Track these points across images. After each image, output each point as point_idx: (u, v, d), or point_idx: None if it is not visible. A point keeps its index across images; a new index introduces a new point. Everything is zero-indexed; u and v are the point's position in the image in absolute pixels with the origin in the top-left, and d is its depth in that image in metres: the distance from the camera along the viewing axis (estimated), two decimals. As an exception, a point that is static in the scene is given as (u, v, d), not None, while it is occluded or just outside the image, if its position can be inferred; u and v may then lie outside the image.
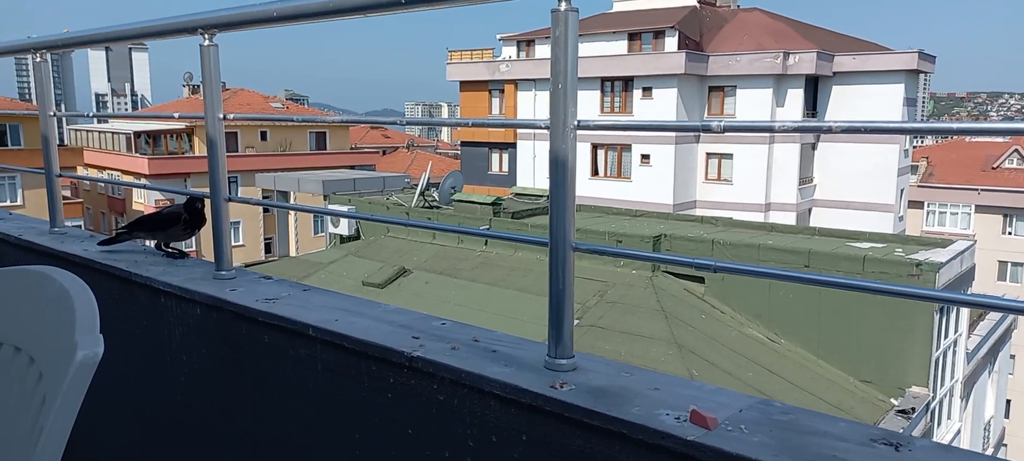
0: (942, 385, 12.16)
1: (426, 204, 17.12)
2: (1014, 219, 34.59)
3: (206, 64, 2.03)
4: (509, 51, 34.80)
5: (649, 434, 1.18)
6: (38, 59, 2.69)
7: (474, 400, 1.43)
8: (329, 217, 18.58)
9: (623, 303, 11.85)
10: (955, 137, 40.73)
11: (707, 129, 1.35)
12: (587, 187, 28.73)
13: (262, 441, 1.94)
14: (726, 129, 1.32)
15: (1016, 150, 35.89)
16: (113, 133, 41.20)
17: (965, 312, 12.84)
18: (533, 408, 1.33)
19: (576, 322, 1.40)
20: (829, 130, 1.22)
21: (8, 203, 32.66)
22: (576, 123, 1.37)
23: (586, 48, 30.35)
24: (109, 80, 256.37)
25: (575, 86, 1.36)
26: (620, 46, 30.61)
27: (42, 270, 1.08)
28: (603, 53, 30.18)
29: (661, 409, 1.24)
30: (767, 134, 28.00)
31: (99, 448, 2.58)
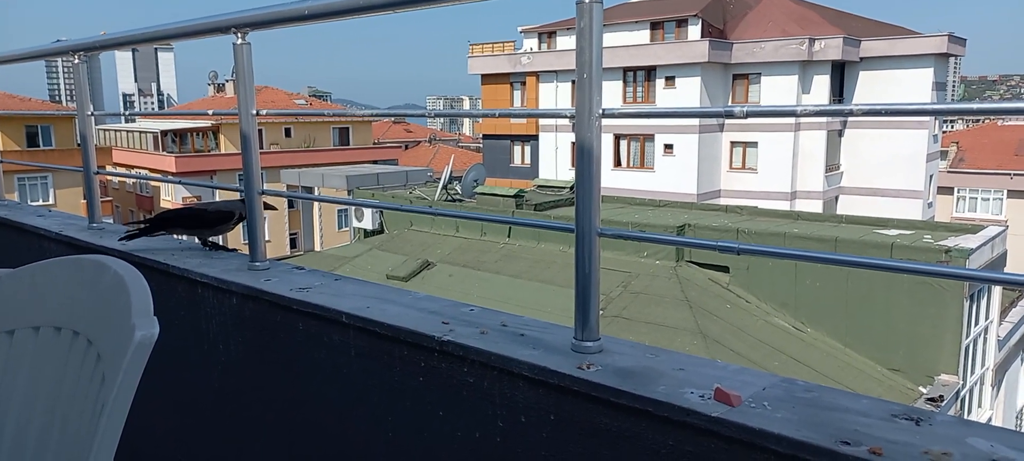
0: (973, 373, 11.99)
1: (449, 197, 17.18)
2: (1048, 204, 33.83)
3: (240, 62, 2.08)
4: (530, 43, 34.74)
5: (674, 411, 1.21)
6: (77, 61, 2.78)
7: (503, 382, 1.47)
8: (353, 212, 18.76)
9: (647, 293, 11.82)
10: (986, 121, 39.87)
11: (730, 115, 1.38)
12: (610, 178, 28.61)
13: (298, 425, 2.00)
14: (749, 114, 1.34)
15: (1050, 133, 35.08)
16: (141, 132, 41.86)
17: (996, 299, 12.64)
18: (561, 389, 1.37)
19: (600, 312, 1.44)
20: (850, 113, 1.25)
21: (41, 202, 33.33)
22: (601, 111, 1.41)
23: (608, 38, 30.18)
24: (136, 80, 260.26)
25: (600, 76, 1.39)
26: (643, 35, 30.41)
27: (98, 259, 1.14)
28: (625, 43, 30.00)
29: (686, 388, 1.27)
30: (792, 122, 27.80)
31: (139, 435, 2.67)
